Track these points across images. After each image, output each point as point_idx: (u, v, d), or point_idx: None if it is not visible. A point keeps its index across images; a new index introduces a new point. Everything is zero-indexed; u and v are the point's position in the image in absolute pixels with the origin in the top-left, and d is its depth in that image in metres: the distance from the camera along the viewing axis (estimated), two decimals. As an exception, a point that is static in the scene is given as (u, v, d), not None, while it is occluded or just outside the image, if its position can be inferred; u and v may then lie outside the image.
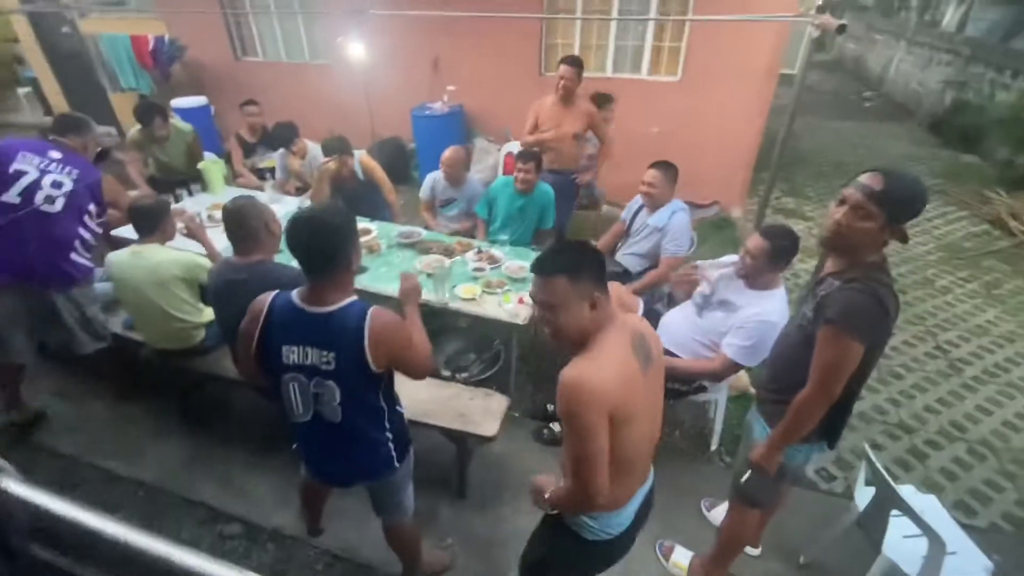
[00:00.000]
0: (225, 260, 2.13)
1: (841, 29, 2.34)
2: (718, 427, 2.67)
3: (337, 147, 3.39)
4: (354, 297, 1.47)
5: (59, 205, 2.39)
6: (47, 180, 2.38)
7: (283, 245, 1.53)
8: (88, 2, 6.44)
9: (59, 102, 7.64)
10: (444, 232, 3.51)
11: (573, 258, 1.22)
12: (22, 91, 8.07)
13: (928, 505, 1.98)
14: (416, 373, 1.60)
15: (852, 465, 2.63)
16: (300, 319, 1.43)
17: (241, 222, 1.98)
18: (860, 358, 1.40)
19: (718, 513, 2.34)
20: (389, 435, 1.62)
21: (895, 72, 11.04)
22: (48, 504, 0.54)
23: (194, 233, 2.66)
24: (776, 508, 2.10)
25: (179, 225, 2.65)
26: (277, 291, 1.50)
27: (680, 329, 2.43)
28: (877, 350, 1.47)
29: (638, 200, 3.10)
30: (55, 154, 2.45)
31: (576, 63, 3.52)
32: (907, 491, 1.91)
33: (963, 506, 2.47)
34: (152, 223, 2.41)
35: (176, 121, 3.89)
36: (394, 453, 1.66)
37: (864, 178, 1.39)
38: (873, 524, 1.88)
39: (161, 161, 3.85)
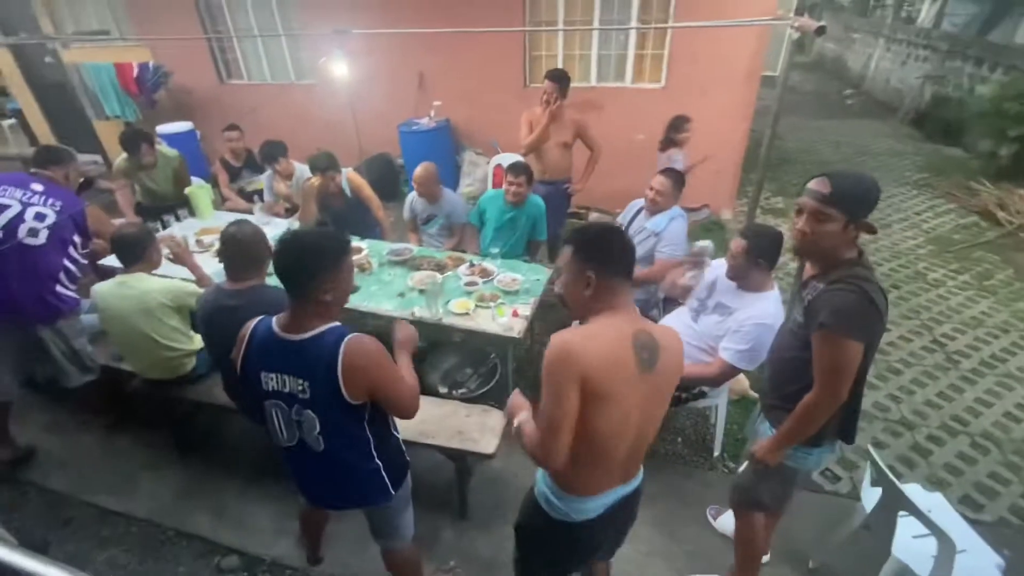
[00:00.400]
0: (216, 286, 2.09)
1: (820, 31, 2.36)
2: (720, 433, 2.65)
3: (324, 163, 3.37)
4: (334, 323, 1.41)
5: (43, 237, 2.37)
6: (30, 213, 2.36)
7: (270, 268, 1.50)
8: (71, 34, 6.45)
9: (44, 132, 7.60)
10: (428, 246, 3.50)
11: (587, 238, 1.27)
12: (6, 123, 8.04)
13: (935, 503, 1.95)
14: (398, 410, 1.51)
15: (857, 465, 2.60)
16: (276, 346, 1.39)
17: (243, 248, 1.96)
18: (860, 357, 1.40)
19: (725, 521, 2.31)
20: (379, 463, 1.56)
21: (874, 70, 11.22)
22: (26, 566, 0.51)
23: (180, 258, 2.62)
24: (782, 512, 2.08)
25: (165, 251, 2.61)
26: (262, 316, 1.47)
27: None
28: (873, 346, 1.47)
29: (635, 204, 3.08)
30: (37, 187, 2.43)
31: (557, 77, 3.52)
32: (913, 490, 1.88)
33: (969, 501, 2.45)
34: (136, 252, 2.35)
35: (162, 147, 3.87)
36: (387, 481, 1.60)
37: (812, 184, 1.43)
38: (881, 525, 1.85)
39: (148, 188, 3.82)
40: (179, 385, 2.53)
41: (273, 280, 1.51)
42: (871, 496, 1.94)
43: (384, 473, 1.58)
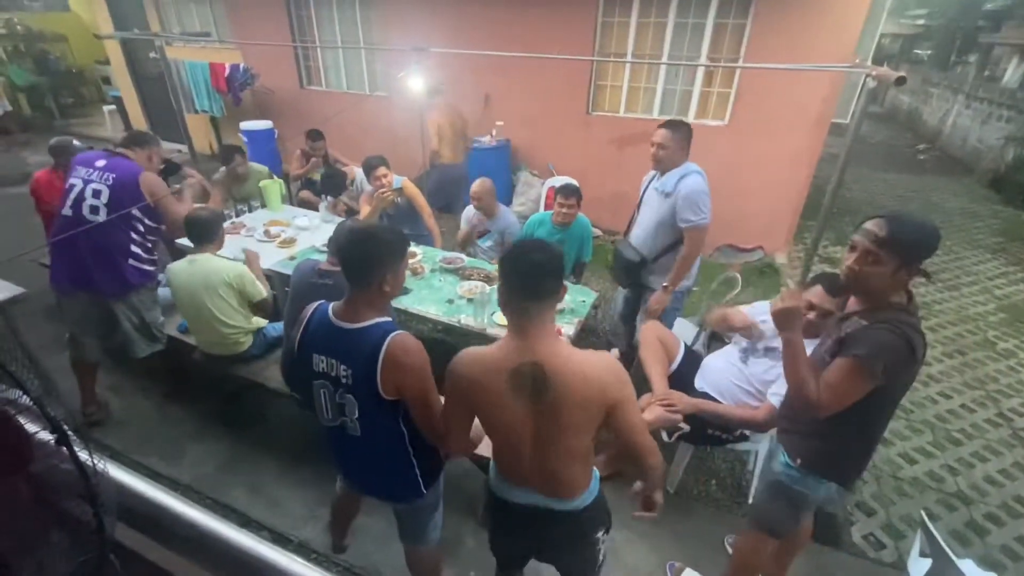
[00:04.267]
0: (313, 263, 2.21)
1: (900, 81, 2.32)
2: (756, 479, 2.55)
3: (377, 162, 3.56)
4: (386, 318, 1.48)
5: (102, 214, 2.40)
6: (88, 189, 2.41)
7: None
8: (177, 33, 7.06)
9: (139, 120, 8.30)
10: (481, 258, 3.58)
11: (505, 255, 1.29)
12: (107, 108, 8.81)
13: (990, 585, 1.82)
14: (423, 420, 1.51)
15: (903, 534, 2.45)
16: (330, 331, 1.46)
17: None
18: (866, 392, 1.44)
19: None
20: (413, 459, 1.60)
21: (952, 126, 10.76)
22: (137, 487, 0.58)
23: (250, 263, 2.75)
24: (797, 546, 2.03)
25: (241, 256, 2.80)
26: (322, 301, 1.55)
27: (723, 374, 2.36)
28: (900, 390, 1.51)
29: (650, 175, 2.89)
30: (100, 162, 2.46)
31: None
32: (967, 567, 1.76)
33: (1029, 591, 2.26)
34: (207, 234, 2.52)
35: (254, 164, 4.23)
36: (420, 479, 1.63)
37: (869, 224, 1.45)
38: (928, 600, 1.74)
39: (236, 195, 4.18)
40: (234, 362, 2.68)
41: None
42: (919, 568, 1.83)
43: (417, 470, 1.62)
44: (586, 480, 1.44)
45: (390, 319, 1.49)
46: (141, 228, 2.57)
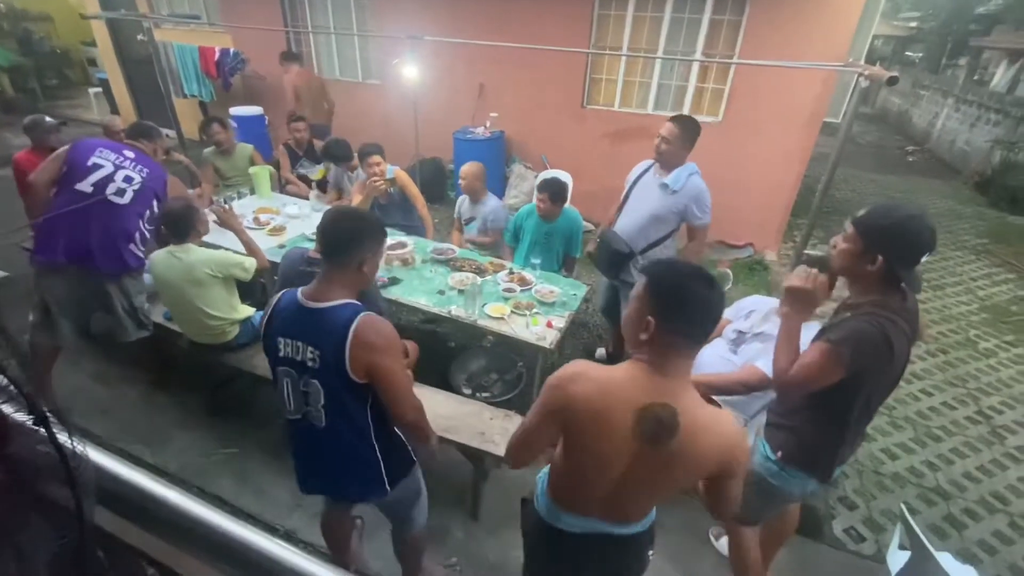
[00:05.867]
0: (301, 251, 2.19)
1: (892, 81, 2.34)
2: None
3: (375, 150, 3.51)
4: (354, 300, 1.45)
5: (127, 198, 2.57)
6: (120, 174, 2.57)
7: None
8: (166, 15, 6.92)
9: (125, 103, 8.15)
10: (467, 247, 3.58)
11: (666, 280, 1.14)
12: (92, 91, 8.63)
13: (966, 577, 1.86)
14: (393, 399, 1.46)
15: (883, 527, 2.50)
16: (298, 312, 1.43)
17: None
18: (834, 380, 1.45)
19: (725, 542, 2.28)
20: (378, 455, 1.54)
21: (940, 128, 10.90)
22: (117, 470, 0.57)
23: (226, 223, 2.76)
24: (781, 537, 2.07)
25: (211, 217, 2.77)
26: (297, 288, 1.50)
27: (712, 369, 2.38)
28: (880, 384, 1.51)
29: (641, 166, 2.93)
30: (129, 153, 2.67)
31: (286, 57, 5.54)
32: (945, 559, 1.80)
33: (1003, 584, 2.31)
34: (184, 228, 2.45)
35: (239, 143, 4.22)
36: (385, 476, 1.57)
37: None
38: (906, 591, 1.78)
39: (220, 170, 4.11)
40: (221, 351, 2.65)
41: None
42: (897, 560, 1.87)
43: (382, 465, 1.56)
44: (652, 506, 1.37)
45: (358, 303, 1.45)
46: (149, 218, 2.71)
